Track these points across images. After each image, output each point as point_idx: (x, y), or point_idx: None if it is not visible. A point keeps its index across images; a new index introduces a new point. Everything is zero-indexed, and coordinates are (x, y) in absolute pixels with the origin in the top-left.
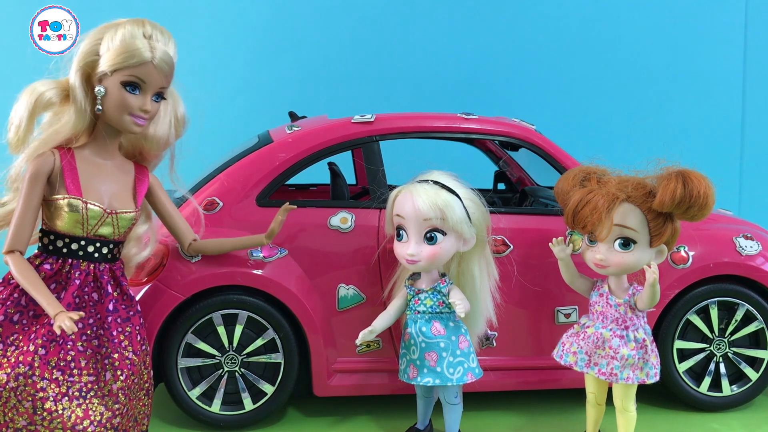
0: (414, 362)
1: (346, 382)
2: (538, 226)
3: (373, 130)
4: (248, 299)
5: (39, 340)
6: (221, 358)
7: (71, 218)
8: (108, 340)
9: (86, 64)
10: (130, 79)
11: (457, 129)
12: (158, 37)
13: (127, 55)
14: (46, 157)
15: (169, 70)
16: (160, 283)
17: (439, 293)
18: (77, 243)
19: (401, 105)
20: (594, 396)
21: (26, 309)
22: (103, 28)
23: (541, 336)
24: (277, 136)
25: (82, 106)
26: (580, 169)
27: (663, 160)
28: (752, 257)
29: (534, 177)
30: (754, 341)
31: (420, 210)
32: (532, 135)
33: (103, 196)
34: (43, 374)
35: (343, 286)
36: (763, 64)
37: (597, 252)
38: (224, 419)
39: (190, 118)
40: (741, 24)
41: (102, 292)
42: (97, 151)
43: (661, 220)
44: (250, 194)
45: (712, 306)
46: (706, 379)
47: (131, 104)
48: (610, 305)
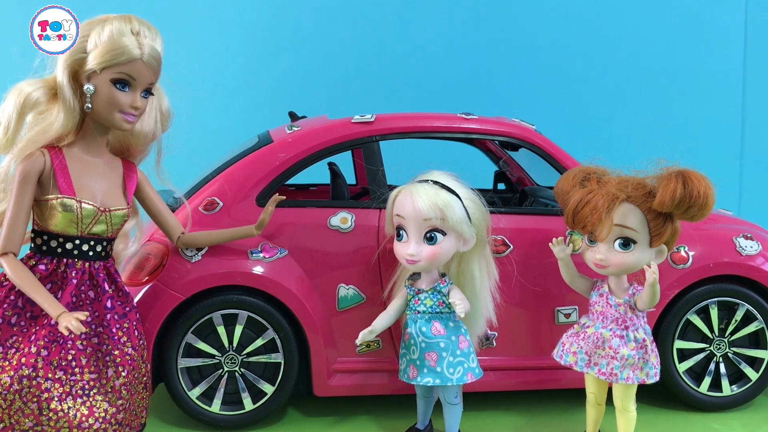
0: (414, 362)
1: (346, 382)
2: (538, 226)
3: (373, 130)
4: (248, 299)
5: (41, 341)
6: (221, 358)
7: (65, 218)
8: (108, 338)
9: (74, 61)
10: (119, 76)
11: (457, 129)
12: (146, 33)
13: (117, 53)
14: (36, 158)
15: (157, 66)
16: (160, 283)
17: (439, 293)
18: (72, 242)
19: (401, 105)
20: (594, 396)
21: (23, 311)
22: (88, 25)
23: (541, 336)
24: (277, 136)
25: (70, 104)
26: (580, 169)
27: (663, 160)
28: (752, 257)
29: (534, 177)
30: (754, 341)
31: (420, 210)
32: (532, 135)
33: (95, 195)
34: (46, 375)
35: (343, 286)
36: (763, 64)
37: (597, 252)
38: (224, 419)
39: (175, 112)
40: (741, 24)
41: (98, 290)
42: (86, 148)
43: (661, 220)
44: (250, 194)
45: (712, 306)
46: (706, 379)
47: (121, 101)
48: (610, 305)
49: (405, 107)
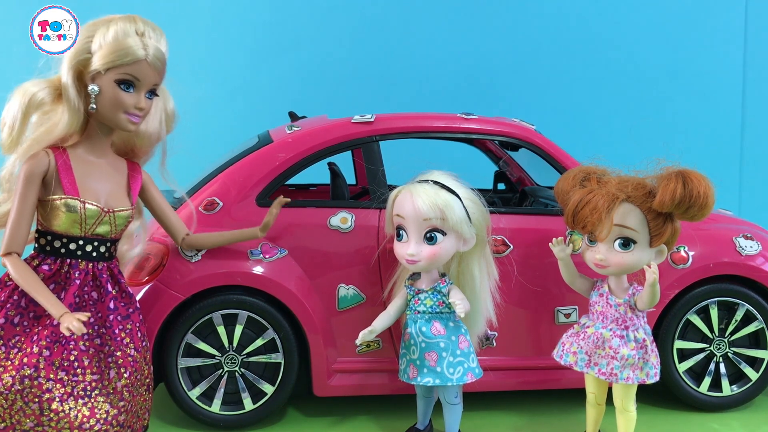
0: (414, 362)
1: (346, 382)
2: (538, 226)
3: (373, 130)
4: (248, 299)
5: (43, 341)
6: (221, 358)
7: (69, 218)
8: (110, 339)
9: (78, 62)
10: (124, 77)
11: (457, 129)
12: (150, 34)
13: (121, 53)
14: (41, 158)
15: (162, 66)
16: (160, 283)
17: (439, 293)
18: (75, 243)
19: (401, 105)
20: (594, 396)
21: (26, 311)
22: (93, 25)
23: (541, 336)
24: (277, 136)
25: (75, 104)
26: (580, 169)
27: (663, 160)
28: (752, 257)
29: (534, 177)
30: (754, 341)
31: (420, 210)
32: (532, 135)
33: (99, 195)
34: (48, 375)
35: (343, 286)
36: (763, 64)
37: (597, 252)
38: (224, 419)
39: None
40: (741, 24)
41: (102, 291)
42: (90, 149)
43: (661, 220)
44: (250, 194)
45: (712, 306)
46: (706, 379)
47: (126, 102)
48: (610, 305)
49: (405, 107)
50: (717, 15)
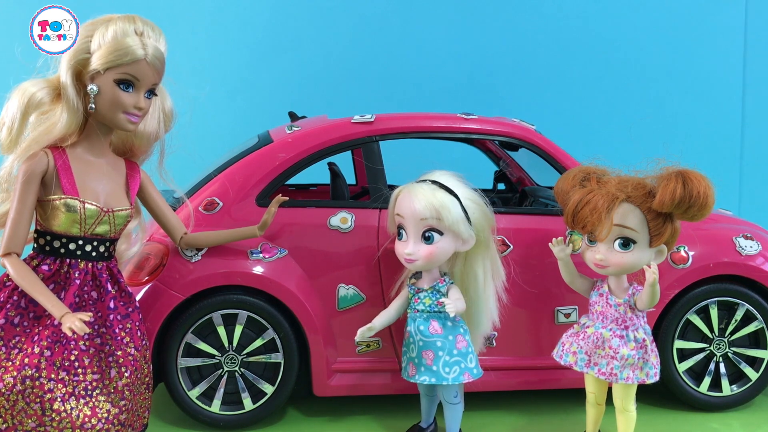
0: (413, 360)
1: (346, 382)
2: (538, 226)
3: (373, 130)
4: (248, 299)
5: (44, 341)
6: (221, 358)
7: (68, 218)
8: (111, 338)
9: (77, 62)
10: (123, 77)
11: (457, 129)
12: (149, 34)
13: (120, 53)
14: (40, 158)
15: (161, 66)
16: (160, 283)
17: (438, 292)
18: (75, 243)
19: (401, 105)
20: (594, 396)
21: (26, 311)
22: (92, 25)
23: (541, 336)
24: (277, 136)
25: (74, 104)
26: (579, 169)
27: (663, 160)
28: (752, 257)
29: (534, 177)
30: (753, 341)
31: (416, 210)
32: (532, 135)
33: (98, 195)
34: (49, 375)
35: (343, 286)
36: (763, 64)
37: (597, 252)
38: (224, 419)
39: (179, 114)
40: (741, 24)
41: (101, 291)
42: (89, 149)
43: (660, 220)
44: (250, 194)
45: (712, 306)
46: (706, 379)
47: (125, 102)
48: (609, 305)
49: (405, 107)
50: (717, 15)
